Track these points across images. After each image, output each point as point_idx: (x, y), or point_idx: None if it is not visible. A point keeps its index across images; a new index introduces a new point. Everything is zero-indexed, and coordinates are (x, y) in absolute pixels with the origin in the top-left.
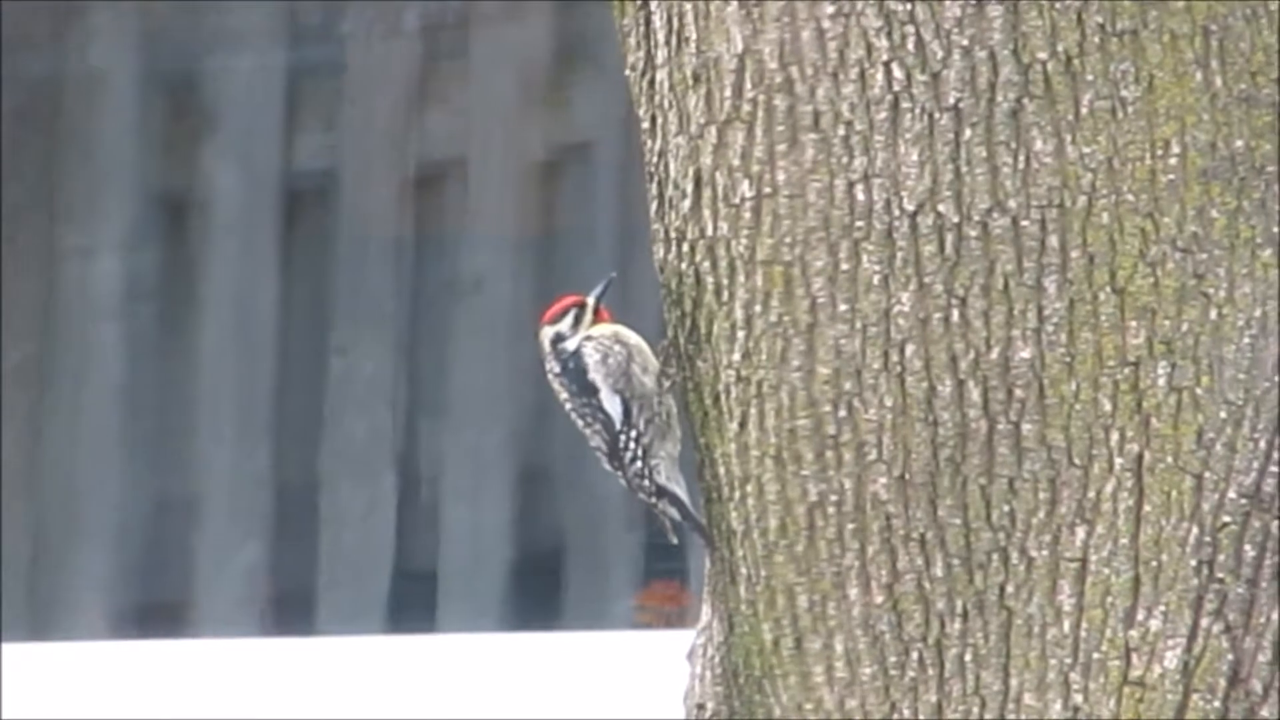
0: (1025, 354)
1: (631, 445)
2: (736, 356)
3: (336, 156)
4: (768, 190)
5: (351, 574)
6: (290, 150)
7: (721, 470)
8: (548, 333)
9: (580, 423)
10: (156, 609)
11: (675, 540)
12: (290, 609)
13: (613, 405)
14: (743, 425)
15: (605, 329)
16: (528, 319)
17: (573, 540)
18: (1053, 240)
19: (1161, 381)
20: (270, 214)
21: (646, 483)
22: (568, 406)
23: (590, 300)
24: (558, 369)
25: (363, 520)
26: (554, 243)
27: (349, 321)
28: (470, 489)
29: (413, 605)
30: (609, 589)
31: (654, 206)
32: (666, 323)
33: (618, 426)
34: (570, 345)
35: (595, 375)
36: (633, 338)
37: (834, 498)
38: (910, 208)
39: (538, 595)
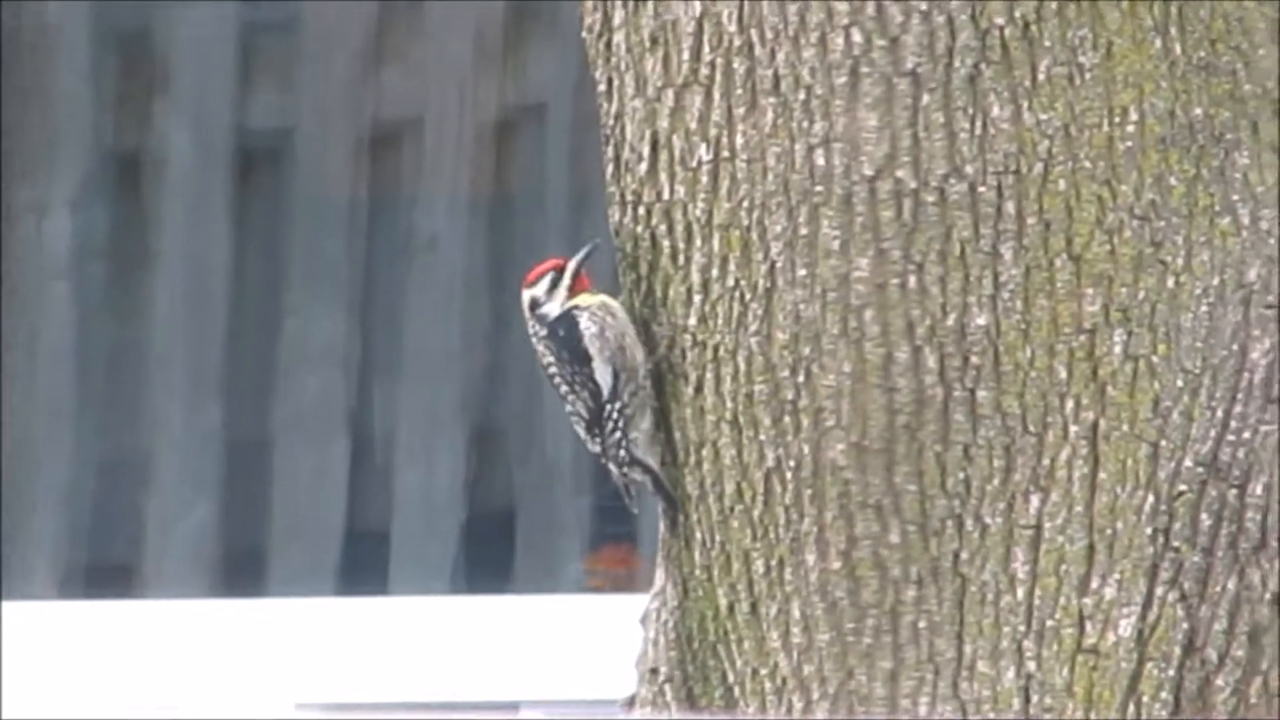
0: (981, 320)
1: (615, 416)
2: (693, 320)
3: (291, 115)
4: (726, 154)
5: (303, 535)
6: (244, 108)
7: (677, 434)
8: (526, 296)
9: (564, 388)
10: (107, 569)
11: (635, 509)
12: (241, 570)
13: (604, 376)
14: (698, 389)
15: (592, 299)
16: (481, 280)
17: (524, 503)
18: (1009, 207)
19: (1118, 349)
20: (224, 172)
21: (622, 453)
22: (551, 370)
23: (570, 265)
24: (543, 332)
25: (314, 481)
26: (508, 203)
27: (302, 282)
28: (423, 451)
29: (364, 567)
30: (560, 552)
31: (610, 169)
32: (621, 286)
33: (605, 397)
34: (550, 310)
35: (592, 346)
36: (618, 309)
37: (791, 463)
38: (869, 173)
39: (489, 558)
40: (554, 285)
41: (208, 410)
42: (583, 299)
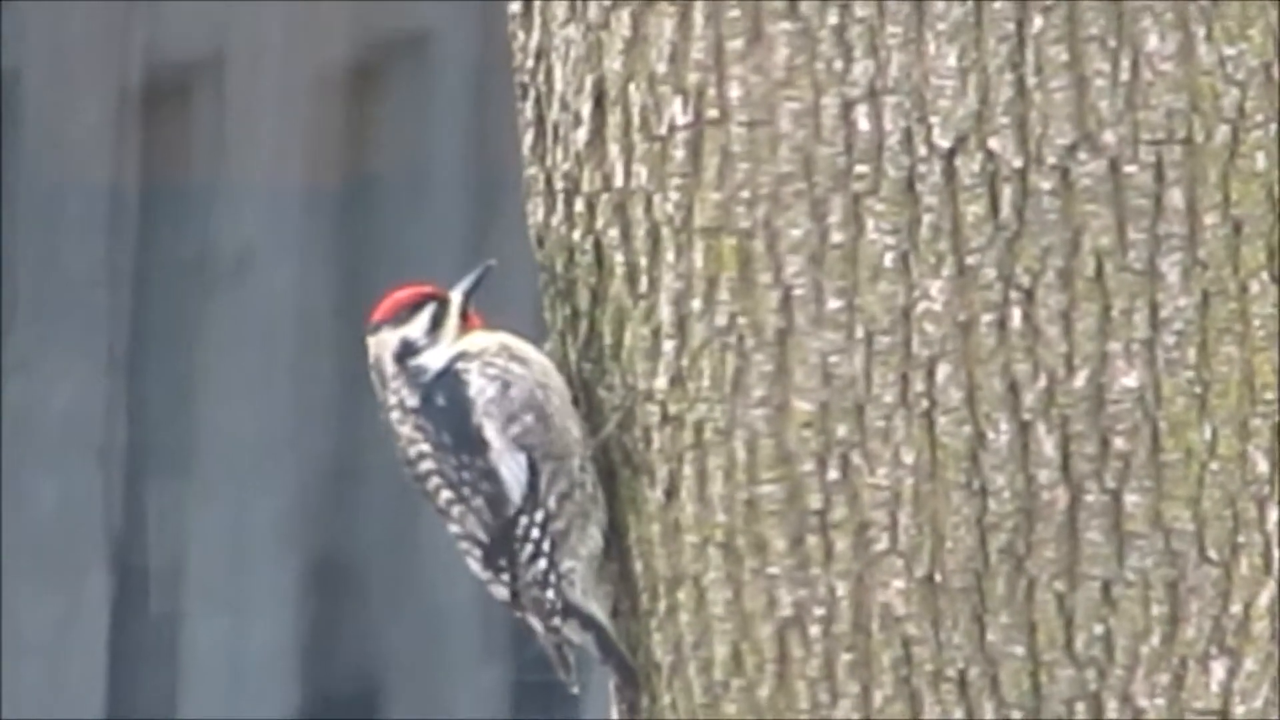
0: (1130, 381)
1: (534, 535)
2: (662, 383)
3: (18, 57)
4: (713, 113)
5: None
6: None
7: (638, 565)
8: (387, 340)
9: (447, 495)
10: None
11: (575, 686)
12: None
13: (512, 469)
14: (671, 494)
15: (486, 339)
16: (322, 320)
17: (393, 679)
18: (1175, 197)
19: None
20: None
21: (549, 596)
22: (423, 468)
23: (455, 296)
24: (413, 401)
25: (54, 643)
26: (362, 195)
27: (34, 321)
28: (229, 597)
29: None
30: None
31: (527, 138)
32: (548, 326)
33: (517, 504)
34: (429, 361)
35: (489, 418)
36: (533, 354)
37: (819, 611)
38: (944, 144)
39: None
40: (436, 323)
41: None
42: (470, 341)
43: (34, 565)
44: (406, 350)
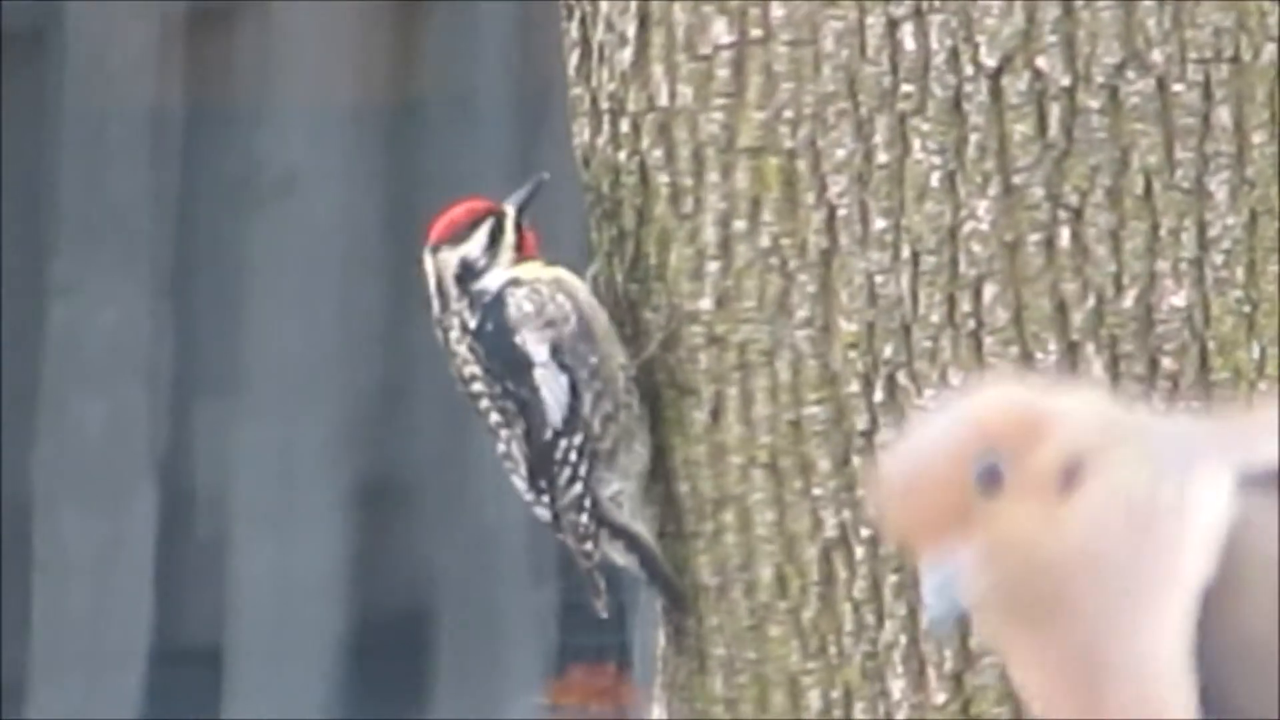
0: (1178, 300)
1: (574, 457)
2: (706, 304)
3: None
4: (757, 33)
5: (85, 648)
6: None
7: (683, 487)
8: (447, 259)
9: (495, 416)
10: None
11: (605, 611)
12: None
13: (554, 389)
14: (716, 416)
15: (540, 271)
16: (370, 242)
17: (443, 599)
18: (1223, 115)
19: None
20: None
21: (585, 519)
22: (475, 388)
23: (509, 209)
24: (473, 322)
25: (100, 566)
26: (407, 116)
27: (78, 243)
28: (275, 514)
29: (183, 697)
30: (503, 677)
31: (573, 59)
32: (593, 247)
33: (557, 426)
34: (490, 282)
35: (529, 337)
36: (583, 292)
37: (865, 533)
38: (991, 62)
39: (388, 685)
40: (494, 241)
41: None
42: (524, 270)
43: (80, 488)
44: (468, 271)
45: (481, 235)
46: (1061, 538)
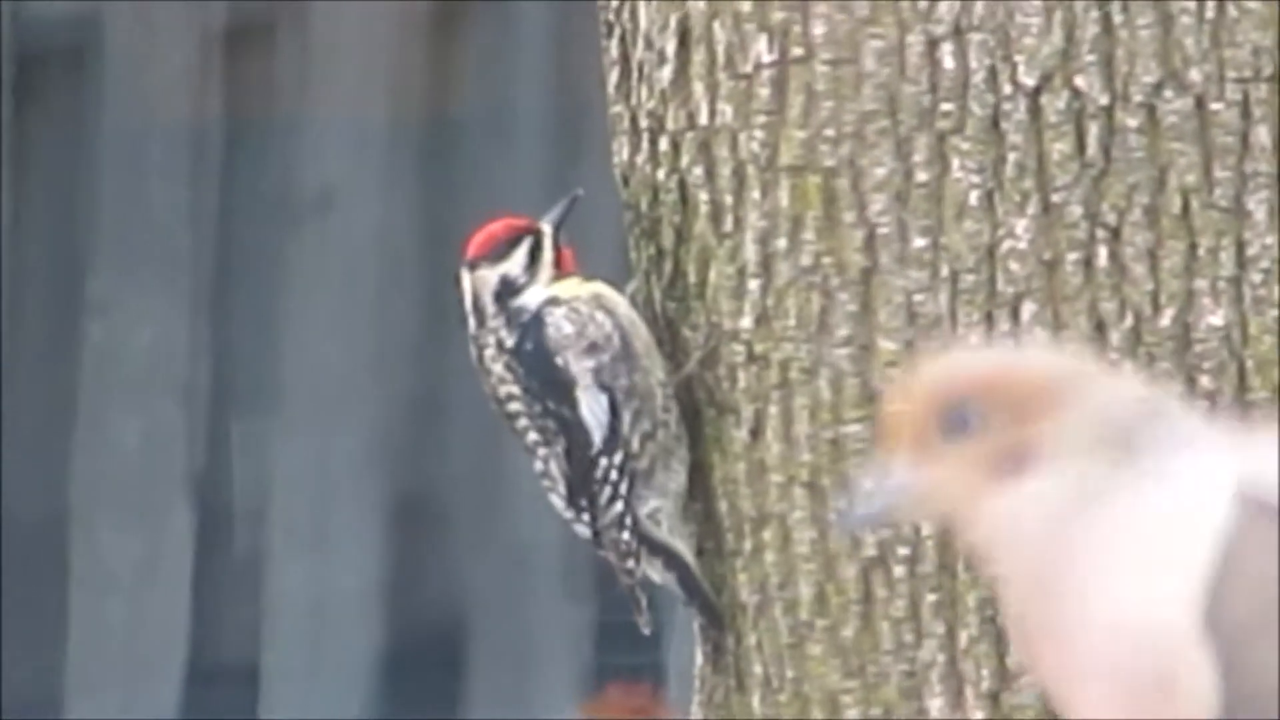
0: (1216, 319)
1: (614, 475)
2: (746, 322)
3: None
4: (798, 51)
5: (121, 664)
6: None
7: (722, 505)
8: (486, 278)
9: (533, 435)
10: None
11: (647, 627)
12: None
13: (593, 409)
14: (756, 434)
15: (578, 288)
16: (411, 255)
17: (479, 616)
18: (1261, 134)
19: None
20: None
21: (625, 536)
22: (511, 408)
23: (546, 227)
24: (511, 341)
25: (137, 582)
26: (445, 133)
27: (115, 260)
28: (311, 530)
29: (219, 712)
30: (538, 695)
31: (612, 76)
32: (633, 266)
33: (598, 446)
34: (529, 300)
35: (570, 357)
36: (623, 306)
37: (904, 551)
38: (1030, 81)
39: (421, 701)
40: (534, 256)
41: None
42: (562, 288)
43: (117, 504)
44: (506, 288)
45: (522, 253)
46: (984, 517)
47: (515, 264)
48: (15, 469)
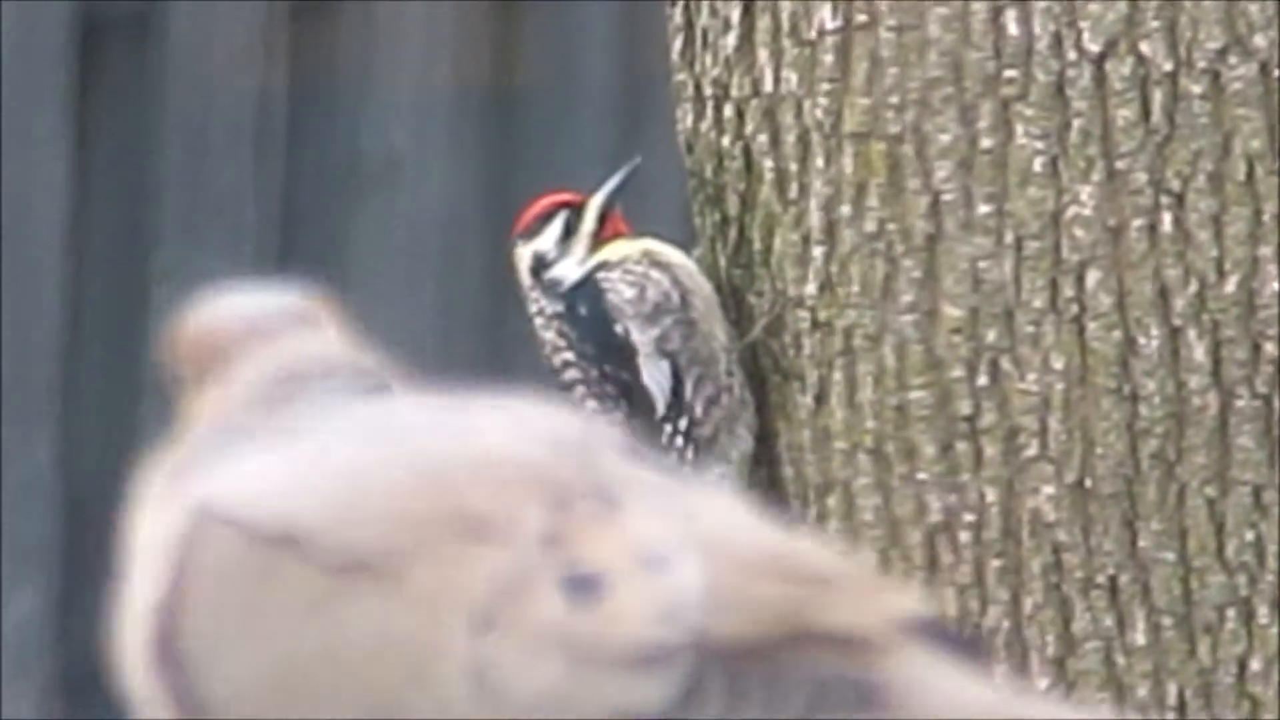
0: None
1: (678, 442)
2: (811, 289)
3: None
4: (862, 18)
5: None
6: None
7: (787, 471)
8: (522, 254)
9: (592, 403)
10: None
11: None
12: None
13: (655, 376)
14: (820, 400)
15: (627, 247)
16: (475, 225)
17: None
18: None
19: None
20: (59, 57)
21: None
22: (568, 376)
23: (596, 200)
24: (553, 308)
25: None
26: (511, 102)
27: (180, 227)
28: None
29: None
30: None
31: (676, 44)
32: (698, 233)
33: (661, 412)
34: (564, 273)
35: (632, 326)
36: (676, 257)
37: (969, 518)
38: (1095, 48)
39: None
40: (568, 233)
41: (32, 449)
42: (612, 250)
43: None
44: (539, 264)
45: (555, 229)
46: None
47: (547, 240)
48: (82, 438)
